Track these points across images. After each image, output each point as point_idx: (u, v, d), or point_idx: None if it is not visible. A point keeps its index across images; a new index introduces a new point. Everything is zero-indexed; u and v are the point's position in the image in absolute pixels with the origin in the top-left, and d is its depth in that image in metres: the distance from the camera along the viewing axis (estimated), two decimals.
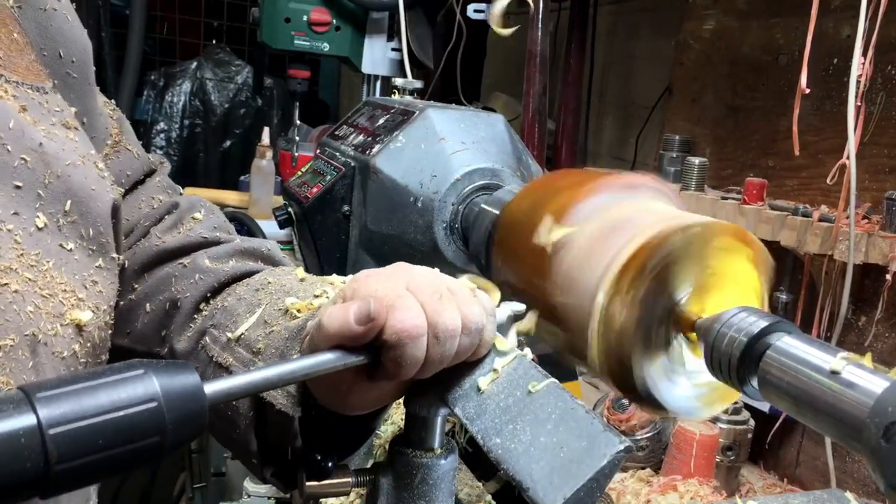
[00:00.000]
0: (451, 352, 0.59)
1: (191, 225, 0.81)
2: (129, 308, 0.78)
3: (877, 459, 0.44)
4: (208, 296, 0.75)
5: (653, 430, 1.23)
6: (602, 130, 2.17)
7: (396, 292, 0.58)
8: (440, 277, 0.62)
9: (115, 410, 0.44)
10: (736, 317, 0.57)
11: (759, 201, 1.28)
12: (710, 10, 1.60)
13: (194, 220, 0.82)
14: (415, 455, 0.66)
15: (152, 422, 0.45)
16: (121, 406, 0.44)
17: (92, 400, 0.44)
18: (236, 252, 0.79)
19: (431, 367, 0.59)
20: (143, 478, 2.57)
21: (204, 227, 0.82)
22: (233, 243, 0.80)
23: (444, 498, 0.67)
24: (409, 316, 0.56)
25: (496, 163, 1.08)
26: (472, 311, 0.59)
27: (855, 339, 1.22)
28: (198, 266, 0.76)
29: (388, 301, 0.57)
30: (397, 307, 0.57)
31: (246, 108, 4.03)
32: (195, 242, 0.79)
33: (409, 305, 0.57)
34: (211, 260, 0.77)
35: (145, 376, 0.45)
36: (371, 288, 0.59)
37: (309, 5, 2.18)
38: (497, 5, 0.64)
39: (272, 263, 0.80)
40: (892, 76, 1.19)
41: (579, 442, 0.54)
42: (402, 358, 0.57)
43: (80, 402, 0.43)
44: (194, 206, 0.84)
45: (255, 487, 1.41)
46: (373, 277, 0.61)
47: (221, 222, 0.85)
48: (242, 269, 0.76)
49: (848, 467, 1.22)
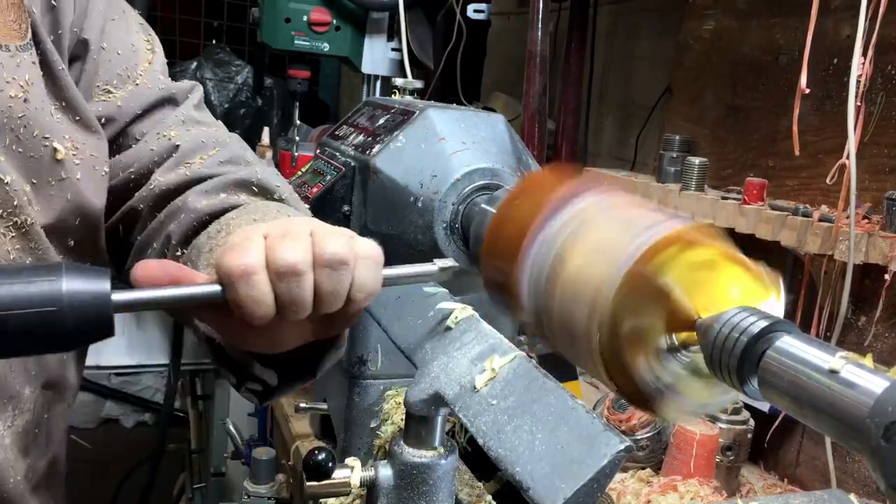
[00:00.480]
0: (302, 291, 0.60)
1: (193, 164, 0.85)
2: (141, 247, 0.85)
3: (877, 459, 0.44)
4: (190, 233, 0.80)
5: (653, 430, 1.23)
6: (602, 130, 2.17)
7: (247, 237, 0.61)
8: (308, 222, 0.64)
9: (22, 308, 0.51)
10: (736, 317, 0.56)
11: (759, 201, 1.28)
12: (710, 10, 1.60)
13: (200, 159, 0.86)
14: (415, 455, 0.66)
15: (52, 321, 0.52)
16: (27, 304, 0.51)
17: (4, 293, 0.51)
18: (228, 185, 0.82)
19: (288, 307, 0.60)
20: (144, 478, 2.57)
21: (209, 163, 0.85)
22: (225, 176, 0.83)
23: (444, 498, 0.67)
24: (237, 255, 0.59)
25: (496, 163, 1.08)
26: (328, 244, 0.60)
27: (855, 339, 1.22)
28: (186, 204, 0.81)
29: (231, 244, 0.60)
30: (230, 249, 0.60)
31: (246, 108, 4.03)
32: (191, 179, 0.84)
33: (245, 248, 0.60)
34: (201, 195, 0.81)
35: (55, 280, 0.53)
36: (240, 233, 0.63)
37: (309, 5, 2.18)
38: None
39: (263, 192, 0.83)
40: (892, 76, 1.19)
41: (579, 442, 0.54)
42: (237, 297, 0.59)
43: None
44: (205, 146, 0.87)
45: (256, 488, 1.41)
46: (257, 226, 0.65)
47: (234, 155, 0.88)
48: (222, 205, 0.80)
49: (848, 467, 1.22)
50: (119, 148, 0.86)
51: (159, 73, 0.89)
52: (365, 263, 0.62)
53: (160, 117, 0.87)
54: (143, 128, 0.86)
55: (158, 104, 0.87)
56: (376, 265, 0.63)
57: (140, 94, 0.86)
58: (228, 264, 0.59)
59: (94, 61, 0.83)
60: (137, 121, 0.86)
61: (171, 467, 2.81)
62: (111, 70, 0.84)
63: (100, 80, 0.84)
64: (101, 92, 0.84)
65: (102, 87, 0.84)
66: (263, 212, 0.77)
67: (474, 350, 0.66)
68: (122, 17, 0.87)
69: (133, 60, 0.86)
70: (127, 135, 0.86)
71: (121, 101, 0.85)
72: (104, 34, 0.84)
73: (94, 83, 0.83)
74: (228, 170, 0.85)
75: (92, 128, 0.80)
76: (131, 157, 0.86)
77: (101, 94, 0.84)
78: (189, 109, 0.90)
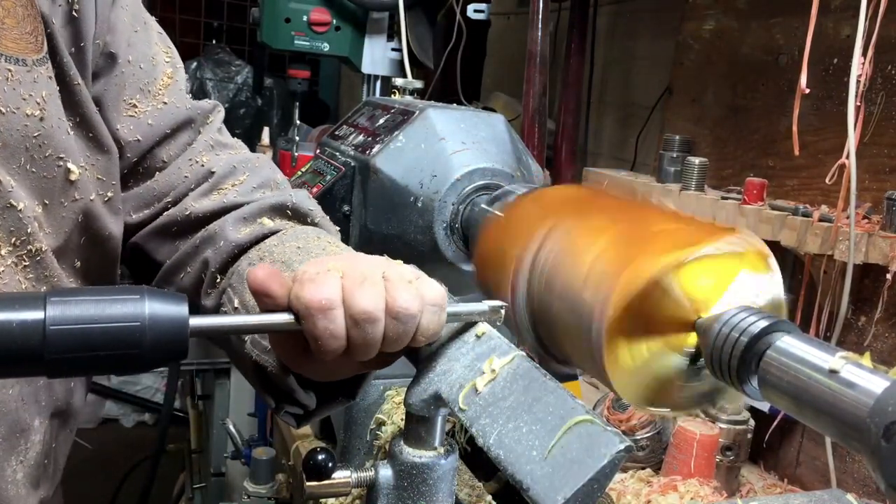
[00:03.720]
0: (375, 335, 0.61)
1: (227, 190, 0.86)
2: (172, 269, 0.85)
3: (877, 459, 0.44)
4: (229, 260, 0.81)
5: (653, 430, 1.23)
6: (602, 130, 2.17)
7: (321, 271, 0.61)
8: (379, 265, 0.65)
9: (105, 322, 0.55)
10: (736, 317, 0.56)
11: (760, 201, 1.28)
12: (710, 10, 1.60)
13: (233, 185, 0.86)
14: (415, 455, 0.66)
15: (133, 337, 0.55)
16: (110, 320, 0.55)
17: (90, 310, 0.55)
18: (264, 210, 0.84)
19: (359, 347, 0.62)
20: (143, 478, 2.57)
21: (242, 189, 0.86)
22: (260, 202, 0.85)
23: (444, 498, 0.67)
24: (315, 289, 0.60)
25: (496, 163, 1.08)
26: (399, 296, 0.61)
27: (855, 339, 1.22)
28: (224, 231, 0.82)
29: (309, 276, 0.61)
30: (310, 281, 0.60)
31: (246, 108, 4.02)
32: (226, 207, 0.84)
33: (323, 282, 0.60)
34: (238, 223, 0.83)
35: (140, 300, 0.56)
36: (311, 265, 0.63)
37: (309, 5, 2.18)
38: None
39: (297, 216, 0.85)
40: (892, 76, 1.19)
41: (579, 442, 0.54)
42: (314, 329, 0.60)
43: (80, 309, 0.54)
44: (236, 171, 0.87)
45: (256, 488, 1.41)
46: (323, 259, 0.65)
47: (265, 178, 0.89)
48: (261, 231, 0.82)
49: (848, 467, 1.22)
50: (145, 172, 0.85)
51: (184, 91, 0.88)
52: (431, 310, 0.63)
53: (186, 139, 0.86)
54: (170, 150, 0.85)
55: (184, 125, 0.86)
56: (441, 310, 0.64)
57: (168, 114, 0.84)
58: (310, 297, 0.60)
59: (122, 75, 0.81)
60: (164, 142, 0.85)
61: (171, 467, 2.80)
62: (135, 84, 0.82)
63: (126, 94, 0.82)
64: (127, 107, 0.82)
65: (128, 101, 0.82)
66: (305, 238, 0.78)
67: (474, 350, 0.66)
68: (143, 28, 0.85)
69: (153, 74, 0.84)
70: (153, 157, 0.84)
71: (151, 119, 0.83)
72: (129, 47, 0.82)
73: (122, 97, 0.81)
74: (262, 195, 0.86)
75: (104, 146, 0.78)
76: (164, 185, 0.85)
77: (127, 110, 0.82)
78: (214, 133, 0.89)
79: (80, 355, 0.54)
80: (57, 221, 0.75)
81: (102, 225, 0.79)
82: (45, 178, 0.72)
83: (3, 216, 0.69)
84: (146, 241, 0.86)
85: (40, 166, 0.71)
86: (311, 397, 0.74)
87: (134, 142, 0.82)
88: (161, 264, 0.86)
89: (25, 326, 0.53)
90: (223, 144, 0.90)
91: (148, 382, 3.84)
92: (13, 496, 0.75)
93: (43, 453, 0.78)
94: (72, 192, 0.75)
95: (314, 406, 0.75)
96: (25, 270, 0.72)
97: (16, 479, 0.75)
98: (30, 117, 0.70)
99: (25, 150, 0.70)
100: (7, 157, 0.69)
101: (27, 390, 0.75)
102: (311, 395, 0.74)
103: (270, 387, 0.74)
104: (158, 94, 0.84)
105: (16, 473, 0.75)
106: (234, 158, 0.89)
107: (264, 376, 0.73)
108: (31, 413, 0.75)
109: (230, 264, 0.81)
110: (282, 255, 0.76)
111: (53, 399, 0.79)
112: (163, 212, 0.85)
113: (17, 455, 0.74)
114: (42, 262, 0.73)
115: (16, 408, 0.73)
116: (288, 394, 0.73)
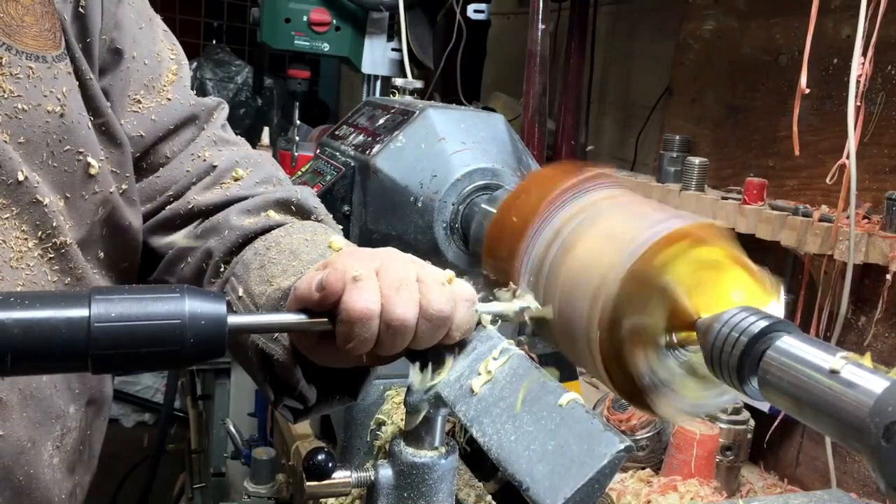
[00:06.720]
0: (404, 338, 0.62)
1: (230, 184, 0.87)
2: (174, 259, 0.86)
3: (877, 459, 0.44)
4: (234, 249, 0.82)
5: (653, 430, 1.23)
6: (602, 130, 2.17)
7: (361, 273, 0.62)
8: (413, 267, 0.65)
9: (147, 320, 0.56)
10: (736, 317, 0.56)
11: (760, 201, 1.28)
12: (710, 10, 1.60)
13: (234, 180, 0.87)
14: (415, 455, 0.66)
15: (174, 335, 0.56)
16: (152, 317, 0.56)
17: (133, 308, 0.56)
18: (269, 203, 0.84)
19: (387, 350, 0.63)
20: (144, 478, 2.58)
21: (245, 184, 0.87)
22: (265, 195, 0.85)
23: (444, 498, 0.67)
24: (361, 298, 0.61)
25: (496, 163, 1.08)
26: (434, 299, 0.62)
27: (855, 339, 1.22)
28: (228, 222, 0.83)
29: (349, 278, 0.61)
30: (356, 288, 0.61)
31: (246, 108, 4.02)
32: (230, 199, 0.85)
33: (367, 288, 0.61)
34: (243, 214, 0.83)
35: (180, 299, 0.57)
36: (344, 263, 0.63)
37: (309, 5, 2.18)
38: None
39: (302, 212, 0.85)
40: (892, 76, 1.19)
41: (579, 442, 0.54)
42: (350, 334, 0.61)
43: (123, 307, 0.56)
44: (238, 166, 0.88)
45: (256, 488, 1.41)
46: (352, 255, 0.66)
47: (268, 175, 0.89)
48: (267, 223, 0.82)
49: (848, 467, 1.22)
50: (149, 168, 0.85)
51: (188, 87, 0.88)
52: (465, 305, 0.64)
53: (189, 136, 0.87)
54: (173, 146, 0.86)
55: (188, 121, 0.87)
56: (472, 304, 0.65)
57: (172, 110, 0.85)
58: (352, 305, 0.61)
59: (127, 71, 0.82)
60: (167, 138, 0.85)
61: (171, 467, 2.81)
62: (139, 80, 0.83)
63: (130, 90, 0.82)
64: (131, 102, 0.83)
65: (133, 97, 0.83)
66: (311, 232, 0.79)
67: (475, 351, 0.66)
68: (148, 25, 0.86)
69: (157, 71, 0.85)
70: (156, 152, 0.85)
71: (154, 115, 0.83)
72: (135, 43, 0.83)
73: (126, 93, 0.82)
74: (265, 189, 0.87)
75: (117, 139, 0.79)
76: (166, 180, 0.86)
77: (131, 105, 0.83)
78: (217, 129, 0.90)
79: (123, 352, 0.56)
80: (79, 214, 0.76)
81: (122, 216, 0.81)
82: (66, 172, 0.74)
83: (29, 211, 0.71)
84: (148, 234, 0.87)
85: (61, 161, 0.73)
86: (312, 391, 0.74)
87: (137, 137, 0.83)
88: (163, 257, 0.87)
89: (71, 323, 0.54)
90: (226, 141, 0.90)
91: (148, 382, 3.84)
92: (49, 480, 0.77)
93: (79, 440, 0.81)
94: (92, 185, 0.76)
95: (314, 401, 0.75)
96: (51, 262, 0.74)
97: (52, 464, 0.77)
98: (51, 113, 0.71)
99: (47, 146, 0.72)
100: (30, 153, 0.71)
101: (59, 377, 0.77)
102: (312, 388, 0.74)
103: (272, 377, 0.74)
104: (163, 90, 0.85)
105: (52, 458, 0.77)
106: (236, 154, 0.89)
107: (268, 366, 0.73)
108: (65, 400, 0.78)
109: (235, 253, 0.81)
110: (289, 245, 0.77)
111: (88, 387, 0.82)
112: (165, 206, 0.86)
113: (53, 440, 0.77)
114: (67, 255, 0.75)
115: (50, 394, 0.76)
116: (288, 387, 0.73)
